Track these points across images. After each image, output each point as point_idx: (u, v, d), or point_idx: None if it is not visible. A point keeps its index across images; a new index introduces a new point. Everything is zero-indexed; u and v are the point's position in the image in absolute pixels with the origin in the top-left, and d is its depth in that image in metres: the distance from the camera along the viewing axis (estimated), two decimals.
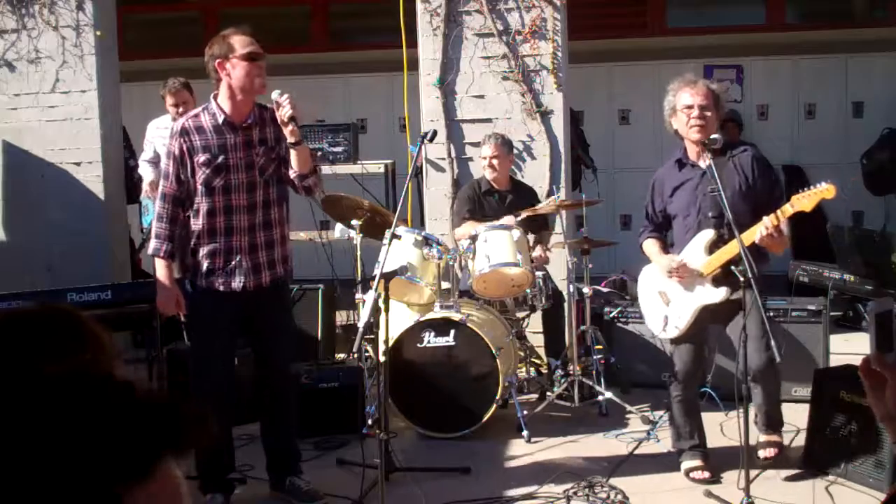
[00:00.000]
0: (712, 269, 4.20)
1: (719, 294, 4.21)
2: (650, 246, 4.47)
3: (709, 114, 4.21)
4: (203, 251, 3.98)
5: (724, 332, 4.48)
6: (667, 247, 4.47)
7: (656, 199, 4.44)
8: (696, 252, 4.26)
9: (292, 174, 4.02)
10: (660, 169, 4.56)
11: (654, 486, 4.37)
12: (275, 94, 3.92)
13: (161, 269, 4.02)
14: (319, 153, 6.69)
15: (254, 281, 4.01)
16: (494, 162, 5.74)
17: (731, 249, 4.07)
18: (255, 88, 3.95)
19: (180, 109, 6.12)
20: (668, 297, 4.39)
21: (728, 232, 4.10)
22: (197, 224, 3.98)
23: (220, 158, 3.93)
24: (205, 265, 3.98)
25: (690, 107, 4.21)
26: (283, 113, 3.86)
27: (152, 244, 4.03)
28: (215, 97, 4.00)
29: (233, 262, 3.98)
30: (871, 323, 1.42)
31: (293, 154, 3.96)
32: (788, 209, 4.01)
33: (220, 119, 3.95)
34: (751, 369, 4.21)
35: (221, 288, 3.98)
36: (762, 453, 4.38)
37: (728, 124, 8.36)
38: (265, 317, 4.13)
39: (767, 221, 3.98)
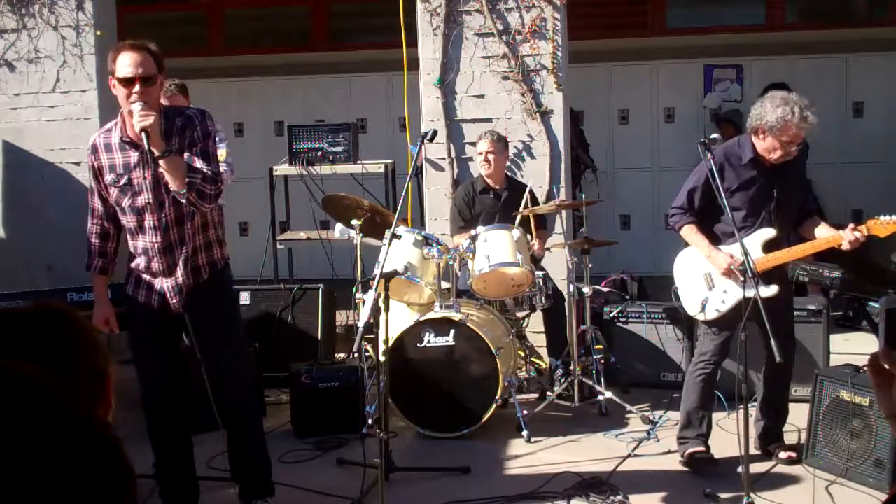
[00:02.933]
0: (766, 266, 4.27)
1: (771, 290, 4.24)
2: (694, 233, 4.46)
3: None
4: (133, 263, 3.90)
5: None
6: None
7: (713, 189, 4.36)
8: (752, 247, 4.29)
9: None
10: (718, 155, 4.36)
11: (654, 485, 4.38)
12: (133, 106, 3.58)
13: (94, 285, 3.98)
14: (320, 153, 6.69)
15: (179, 303, 3.84)
16: (490, 157, 5.76)
17: (791, 254, 4.34)
18: (129, 114, 3.62)
19: None
20: (714, 281, 4.44)
21: (787, 234, 4.35)
22: (126, 238, 3.90)
23: (125, 178, 3.75)
24: (135, 273, 3.90)
25: (790, 144, 4.26)
26: (135, 125, 3.56)
27: (87, 259, 3.96)
28: (123, 111, 3.74)
29: (155, 283, 3.84)
30: (881, 319, 1.42)
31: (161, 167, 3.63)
32: (864, 231, 4.18)
33: (121, 137, 3.75)
34: (762, 373, 4.34)
35: (143, 300, 3.87)
36: (783, 454, 4.55)
37: (723, 124, 8.37)
38: (198, 334, 3.87)
39: (850, 236, 4.17)
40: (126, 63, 3.65)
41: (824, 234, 4.36)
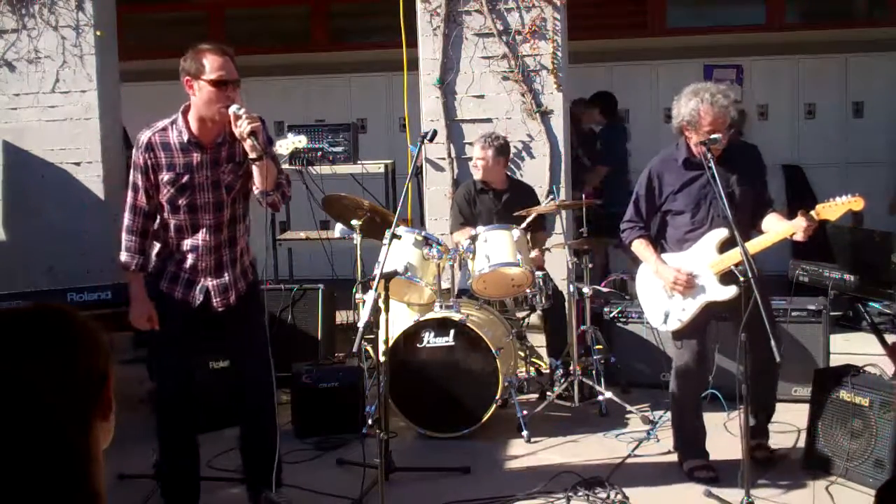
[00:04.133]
0: (722, 267, 4.22)
1: (729, 292, 4.21)
2: (644, 248, 4.45)
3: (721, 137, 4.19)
4: (172, 259, 3.89)
5: (724, 331, 4.50)
6: (656, 246, 4.46)
7: (654, 196, 4.42)
8: (707, 249, 4.27)
9: (255, 190, 3.83)
10: (653, 165, 4.48)
11: (653, 485, 4.37)
12: (233, 109, 3.69)
13: (133, 284, 3.90)
14: (320, 153, 6.69)
15: (221, 302, 3.91)
16: (479, 163, 5.76)
17: (772, 238, 4.19)
18: (217, 118, 3.73)
19: None
20: (672, 292, 4.40)
21: (737, 231, 4.13)
22: (166, 236, 3.88)
23: (186, 178, 3.78)
24: (171, 270, 3.89)
25: (711, 132, 4.16)
26: (242, 128, 3.64)
27: (123, 256, 3.88)
28: (186, 110, 3.81)
29: (198, 281, 3.88)
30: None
31: (254, 170, 3.74)
32: (814, 216, 4.08)
33: (185, 138, 3.77)
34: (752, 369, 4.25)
35: (179, 297, 3.89)
36: (759, 454, 4.41)
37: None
38: (236, 333, 4.02)
39: (802, 223, 4.06)
40: (219, 65, 3.70)
41: (779, 227, 4.24)
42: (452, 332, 5.04)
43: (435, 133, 4.68)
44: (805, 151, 9.11)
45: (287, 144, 4.42)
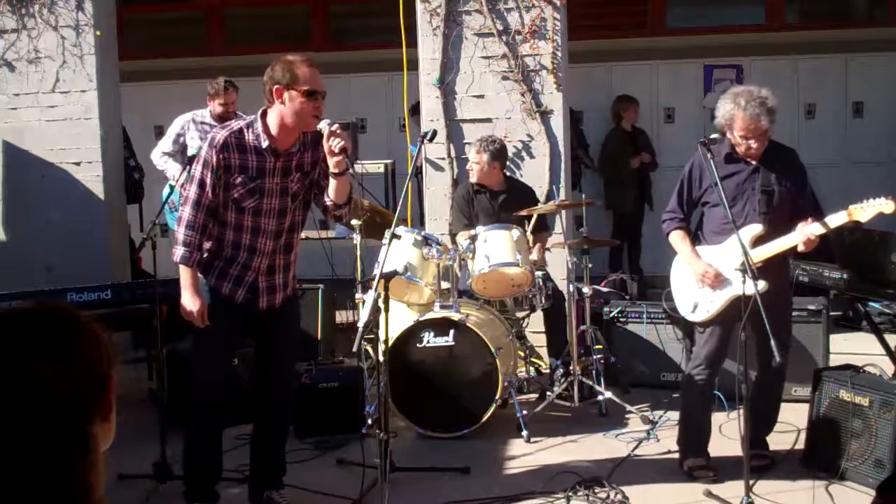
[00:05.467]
0: (751, 263, 4.23)
1: (760, 286, 4.21)
2: (680, 239, 4.46)
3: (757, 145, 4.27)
4: (223, 255, 3.91)
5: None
6: (692, 238, 4.48)
7: (693, 186, 4.42)
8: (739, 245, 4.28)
9: (328, 202, 3.93)
10: (696, 158, 4.48)
11: (653, 485, 4.37)
12: (323, 125, 3.76)
13: (189, 278, 3.85)
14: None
15: (267, 302, 3.98)
16: (475, 167, 5.77)
17: (778, 247, 4.21)
18: (309, 126, 3.83)
19: (228, 109, 6.37)
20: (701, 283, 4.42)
21: (772, 230, 4.20)
22: (223, 233, 3.90)
23: (258, 182, 3.84)
24: (219, 266, 3.92)
25: (745, 137, 4.23)
26: (335, 145, 3.71)
27: (180, 251, 3.84)
28: (263, 116, 3.85)
29: (248, 278, 3.92)
30: None
31: (334, 183, 3.84)
32: (844, 217, 4.07)
33: (265, 143, 3.83)
34: (758, 371, 4.29)
35: (227, 293, 3.92)
36: (755, 462, 4.31)
37: None
38: (273, 333, 4.07)
39: (809, 232, 4.11)
40: (311, 77, 3.82)
41: (782, 239, 4.26)
42: (452, 331, 5.04)
43: (435, 133, 4.68)
44: (805, 151, 9.01)
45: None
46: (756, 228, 4.27)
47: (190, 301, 3.84)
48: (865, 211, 4.05)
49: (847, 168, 8.95)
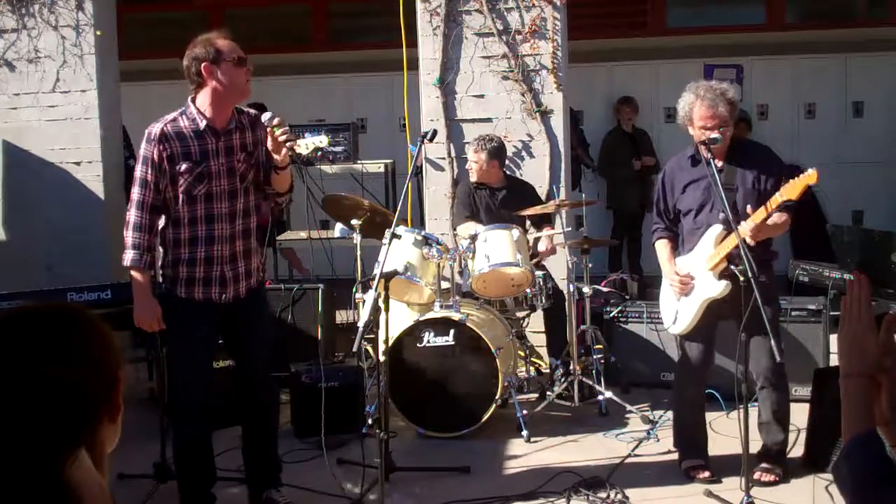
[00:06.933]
0: (714, 263, 4.22)
1: (718, 287, 4.21)
2: (661, 248, 4.49)
3: (724, 129, 4.19)
4: (184, 260, 3.86)
5: (722, 331, 4.49)
6: (677, 246, 4.48)
7: (667, 195, 4.43)
8: (707, 247, 4.28)
9: (269, 191, 4.00)
10: (668, 164, 4.55)
11: (653, 485, 4.37)
12: (265, 118, 3.80)
13: (140, 281, 3.83)
14: (319, 153, 6.69)
15: (233, 291, 3.93)
16: (473, 166, 5.78)
17: (729, 244, 4.13)
18: (245, 93, 3.88)
19: None
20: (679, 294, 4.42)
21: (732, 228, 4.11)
22: (177, 233, 3.85)
23: (203, 165, 3.81)
24: (185, 274, 3.86)
25: (708, 128, 4.17)
26: (281, 139, 3.76)
27: (130, 254, 3.79)
28: (193, 101, 3.84)
29: (214, 272, 3.88)
30: None
31: (275, 175, 3.91)
32: (778, 198, 4.02)
33: (202, 124, 3.80)
34: (758, 374, 4.26)
35: (201, 297, 3.88)
36: (758, 475, 4.28)
37: (740, 123, 8.37)
38: (242, 327, 4.03)
39: (745, 229, 4.02)
40: (234, 47, 3.79)
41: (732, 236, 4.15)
42: (452, 331, 5.04)
43: (435, 133, 4.69)
44: (805, 151, 9.11)
45: (307, 144, 4.44)
46: (717, 230, 4.24)
47: (142, 307, 3.83)
48: (795, 187, 3.98)
49: (847, 168, 8.95)
